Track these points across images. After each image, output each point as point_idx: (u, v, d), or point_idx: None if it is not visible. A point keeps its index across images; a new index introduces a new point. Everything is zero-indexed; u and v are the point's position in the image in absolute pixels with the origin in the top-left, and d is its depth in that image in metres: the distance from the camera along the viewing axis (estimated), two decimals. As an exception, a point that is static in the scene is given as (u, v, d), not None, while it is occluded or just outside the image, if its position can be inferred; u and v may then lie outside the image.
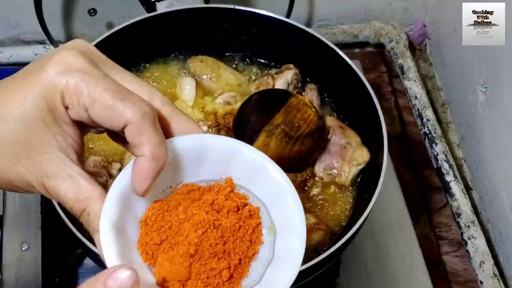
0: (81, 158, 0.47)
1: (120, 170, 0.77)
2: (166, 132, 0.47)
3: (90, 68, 0.44)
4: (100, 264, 0.72)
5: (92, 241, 0.69)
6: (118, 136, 0.47)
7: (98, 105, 0.43)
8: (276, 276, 0.45)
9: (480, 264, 1.00)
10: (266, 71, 0.96)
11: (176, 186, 0.48)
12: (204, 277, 0.45)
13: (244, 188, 0.49)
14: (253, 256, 0.46)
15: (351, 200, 0.84)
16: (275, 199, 0.48)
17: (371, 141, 0.84)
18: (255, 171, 0.48)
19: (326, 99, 0.94)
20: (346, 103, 0.91)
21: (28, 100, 0.44)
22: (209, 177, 0.49)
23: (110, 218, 0.43)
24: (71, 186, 0.44)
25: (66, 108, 0.45)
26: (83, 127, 0.47)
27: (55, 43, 1.05)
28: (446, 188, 1.10)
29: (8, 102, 0.44)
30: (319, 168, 0.84)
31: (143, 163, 0.44)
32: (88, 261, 0.88)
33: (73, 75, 0.44)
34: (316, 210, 0.83)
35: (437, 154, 1.13)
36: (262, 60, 0.97)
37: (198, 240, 0.44)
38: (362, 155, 0.83)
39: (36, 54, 1.19)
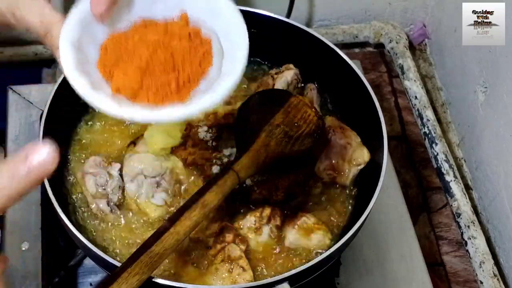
0: None
1: (120, 170, 0.76)
2: None
3: None
4: (100, 264, 0.72)
5: (94, 243, 0.69)
6: None
7: None
8: (219, 85, 0.53)
9: (480, 264, 1.00)
10: (266, 71, 0.96)
11: (135, 21, 0.55)
12: (154, 89, 0.51)
13: (198, 22, 0.56)
14: (203, 75, 0.54)
15: (351, 200, 0.84)
16: (226, 29, 0.55)
17: (371, 141, 0.84)
18: (208, 4, 0.56)
19: (326, 99, 0.94)
20: (346, 103, 0.91)
21: None
22: (166, 14, 0.56)
23: (69, 36, 0.51)
24: (37, 13, 0.52)
25: None
26: None
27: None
28: (446, 188, 1.10)
29: None
30: (319, 168, 0.84)
31: None
32: (88, 261, 0.88)
33: None
34: (316, 210, 0.83)
35: (437, 154, 1.13)
36: (262, 60, 0.97)
37: (149, 56, 0.51)
38: (362, 155, 0.83)
39: (36, 54, 1.18)
